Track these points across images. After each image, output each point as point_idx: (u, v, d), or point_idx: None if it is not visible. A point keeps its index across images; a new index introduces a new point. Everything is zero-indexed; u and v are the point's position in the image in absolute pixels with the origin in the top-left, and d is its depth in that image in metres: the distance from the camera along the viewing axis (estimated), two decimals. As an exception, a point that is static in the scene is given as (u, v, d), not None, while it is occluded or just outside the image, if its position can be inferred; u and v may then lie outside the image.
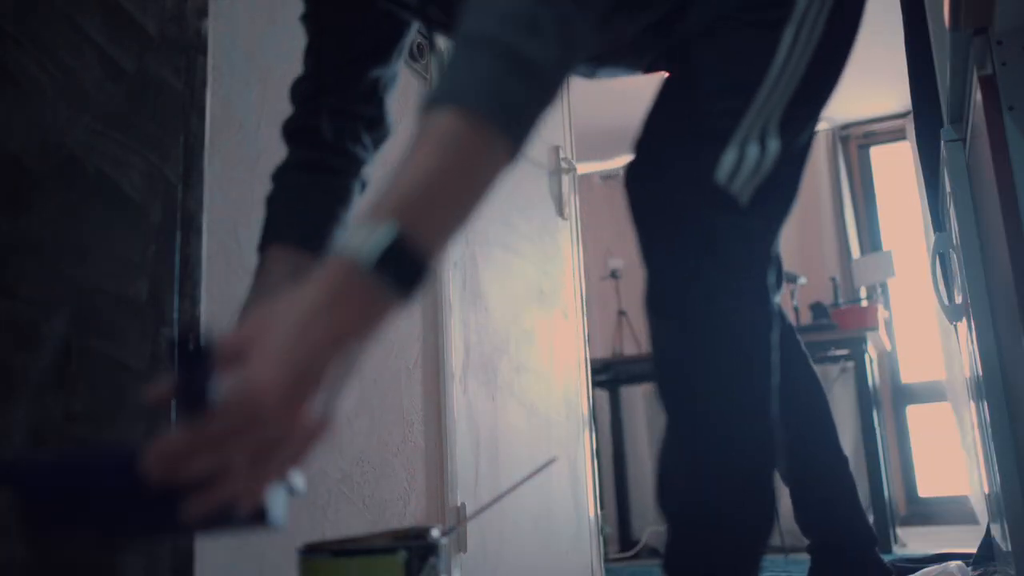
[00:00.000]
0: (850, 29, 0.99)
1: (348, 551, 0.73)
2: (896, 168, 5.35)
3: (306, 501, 1.33)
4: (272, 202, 1.03)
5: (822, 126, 5.39)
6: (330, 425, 0.59)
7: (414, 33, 1.06)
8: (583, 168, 5.53)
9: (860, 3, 0.99)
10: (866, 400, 3.54)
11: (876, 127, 5.38)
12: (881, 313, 3.76)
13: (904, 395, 4.48)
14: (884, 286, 4.48)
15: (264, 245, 0.98)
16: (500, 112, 0.64)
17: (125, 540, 0.90)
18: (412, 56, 1.80)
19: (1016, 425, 1.41)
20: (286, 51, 1.43)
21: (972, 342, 1.63)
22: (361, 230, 0.58)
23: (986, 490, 1.94)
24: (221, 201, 1.24)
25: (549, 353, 2.30)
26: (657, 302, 0.91)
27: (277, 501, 0.61)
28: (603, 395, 4.69)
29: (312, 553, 0.73)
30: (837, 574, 1.26)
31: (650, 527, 4.27)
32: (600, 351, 5.16)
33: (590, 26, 0.69)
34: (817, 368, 1.39)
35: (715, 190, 0.87)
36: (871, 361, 3.71)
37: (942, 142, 1.64)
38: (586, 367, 2.56)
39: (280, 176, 1.05)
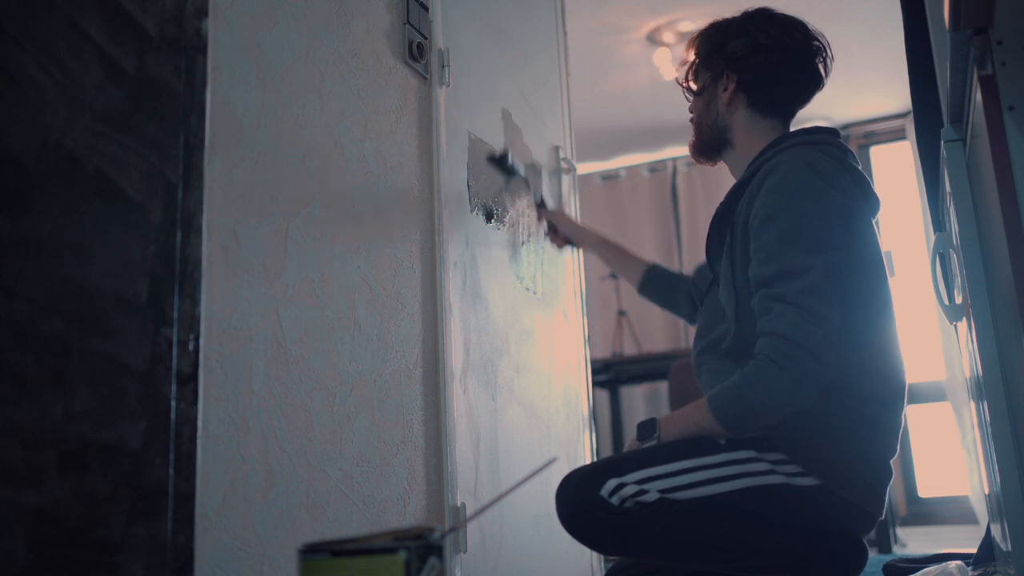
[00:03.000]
0: None
1: (348, 551, 0.73)
2: (896, 168, 5.35)
3: (306, 501, 1.33)
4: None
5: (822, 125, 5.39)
6: None
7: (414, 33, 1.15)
8: (583, 168, 5.53)
9: None
10: (866, 400, 3.53)
11: (876, 127, 5.38)
12: (881, 313, 3.75)
13: (904, 395, 4.47)
14: (884, 286, 4.48)
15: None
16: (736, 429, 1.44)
17: None
18: (412, 56, 1.80)
19: (1016, 425, 1.41)
20: (286, 51, 1.43)
21: (972, 342, 1.63)
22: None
23: (986, 490, 1.94)
24: (221, 201, 1.24)
25: (549, 353, 2.30)
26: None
27: None
28: (603, 395, 4.70)
29: (312, 553, 0.73)
30: None
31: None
32: (600, 351, 5.16)
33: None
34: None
35: None
36: (871, 361, 3.70)
37: (942, 142, 1.64)
38: (586, 367, 2.56)
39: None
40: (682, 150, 5.58)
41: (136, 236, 1.03)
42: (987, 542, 2.13)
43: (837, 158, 1.56)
